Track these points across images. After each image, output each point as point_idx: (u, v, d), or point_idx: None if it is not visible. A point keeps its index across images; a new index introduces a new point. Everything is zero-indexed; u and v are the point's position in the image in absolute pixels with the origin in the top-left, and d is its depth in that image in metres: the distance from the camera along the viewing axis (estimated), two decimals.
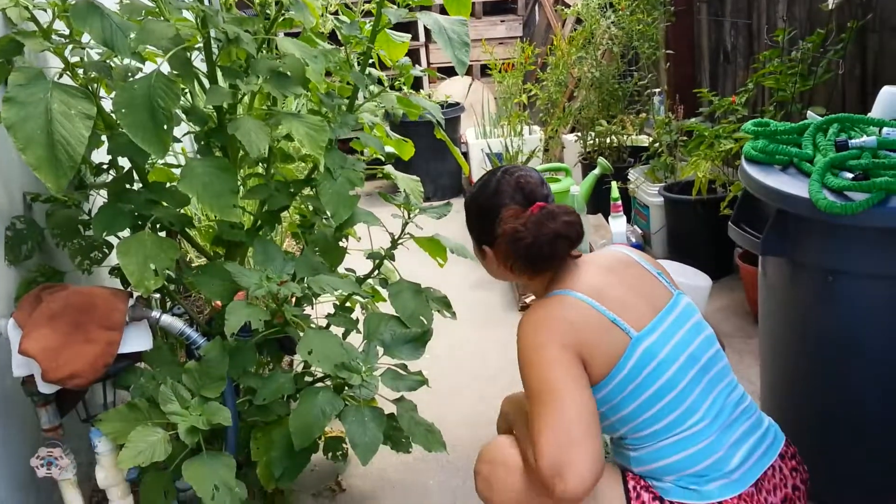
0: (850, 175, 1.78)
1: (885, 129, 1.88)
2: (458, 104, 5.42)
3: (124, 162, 2.01)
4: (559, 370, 1.47)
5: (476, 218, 1.71)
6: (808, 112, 2.26)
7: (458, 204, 2.07)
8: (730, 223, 2.07)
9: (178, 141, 1.91)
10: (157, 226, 1.95)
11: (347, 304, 2.31)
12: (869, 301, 1.82)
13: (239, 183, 2.04)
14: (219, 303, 2.30)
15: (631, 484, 1.56)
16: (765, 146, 1.98)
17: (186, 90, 1.91)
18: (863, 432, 1.93)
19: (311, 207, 2.39)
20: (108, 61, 1.84)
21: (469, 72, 6.61)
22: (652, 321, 1.55)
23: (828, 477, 1.99)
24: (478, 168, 5.05)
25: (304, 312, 2.03)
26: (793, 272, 1.95)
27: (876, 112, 2.04)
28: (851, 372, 1.89)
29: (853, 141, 1.85)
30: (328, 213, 1.97)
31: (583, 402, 1.46)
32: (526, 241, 1.56)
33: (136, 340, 1.76)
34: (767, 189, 1.87)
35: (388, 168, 2.37)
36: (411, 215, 2.16)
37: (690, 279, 3.02)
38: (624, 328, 1.52)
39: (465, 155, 5.35)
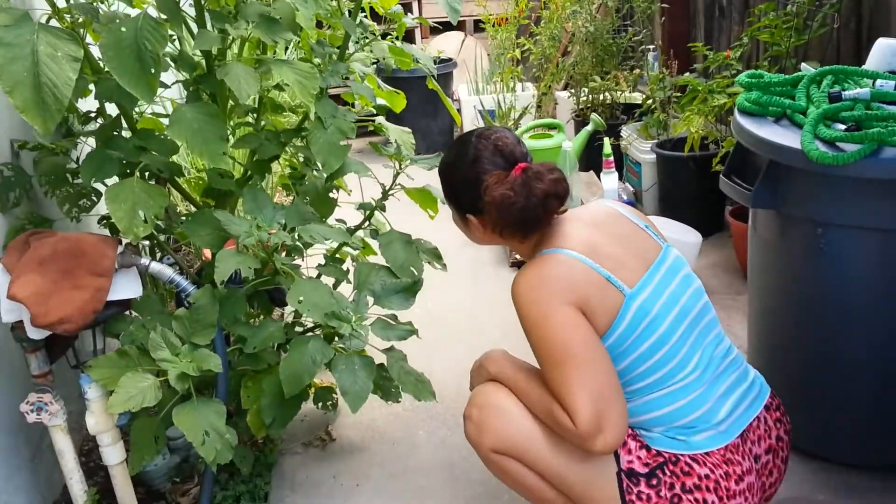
0: (843, 126, 1.77)
1: (878, 81, 1.88)
2: (450, 60, 5.36)
3: (112, 110, 1.99)
4: (574, 332, 1.48)
5: (457, 187, 1.66)
6: (803, 65, 2.25)
7: None
8: (721, 175, 2.07)
9: (166, 86, 1.89)
10: (146, 174, 1.93)
11: (338, 256, 2.30)
12: (858, 254, 1.83)
13: (229, 132, 2.03)
14: (208, 255, 2.29)
15: None
16: (758, 98, 1.97)
17: (174, 36, 1.88)
18: (848, 384, 1.95)
19: (301, 159, 2.38)
20: (95, 4, 1.80)
21: (462, 27, 6.53)
22: (643, 276, 1.56)
23: (812, 428, 2.02)
24: (470, 125, 5.02)
25: (295, 263, 2.03)
26: (783, 225, 1.96)
27: (870, 64, 2.03)
28: (839, 325, 1.91)
29: (847, 93, 1.84)
30: (319, 162, 1.96)
31: (605, 361, 1.49)
32: (517, 205, 1.53)
33: (126, 288, 1.76)
34: (760, 140, 1.86)
35: (380, 119, 2.35)
36: (402, 166, 2.15)
37: (681, 235, 3.03)
38: (618, 285, 1.52)
39: (458, 112, 5.32)
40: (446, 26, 6.36)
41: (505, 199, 1.54)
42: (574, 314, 1.48)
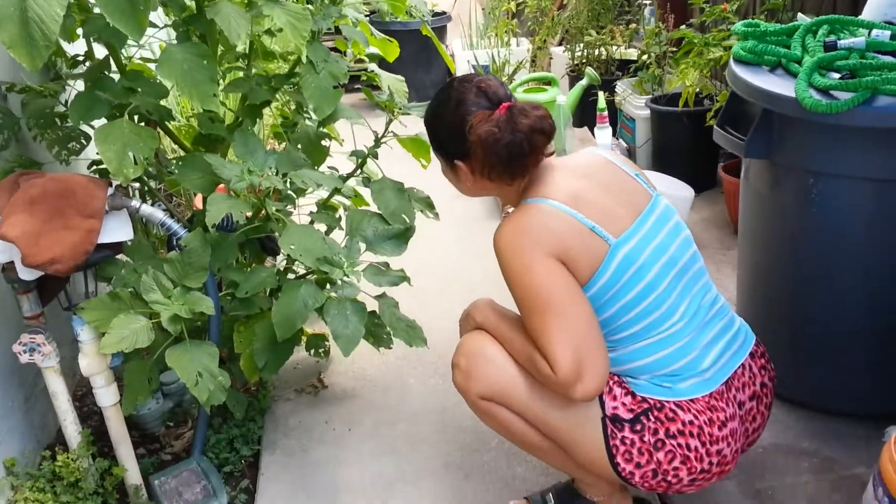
0: (838, 75, 1.77)
1: (874, 31, 1.87)
2: (444, 13, 5.30)
3: (101, 53, 1.97)
4: (555, 282, 1.49)
5: (443, 133, 1.64)
6: (799, 15, 2.23)
7: None
8: (715, 126, 2.07)
9: (156, 27, 1.86)
10: (136, 117, 1.91)
11: (330, 205, 2.30)
12: (850, 204, 1.84)
13: (219, 77, 2.01)
14: (199, 204, 2.28)
15: None
16: (754, 46, 1.95)
17: None
18: (836, 334, 1.97)
19: (293, 107, 2.36)
20: None
21: None
22: (631, 225, 1.55)
23: (798, 377, 2.05)
24: None
25: (287, 210, 2.03)
26: (775, 175, 1.96)
27: (866, 14, 2.02)
28: (830, 275, 1.93)
29: (842, 42, 1.83)
30: (311, 107, 1.94)
31: (586, 310, 1.50)
32: (503, 140, 1.52)
33: (117, 230, 1.75)
34: (754, 89, 1.86)
35: (373, 66, 2.33)
36: (395, 113, 2.13)
37: (673, 190, 3.04)
38: (602, 235, 1.52)
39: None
40: None
41: (490, 135, 1.52)
42: (554, 264, 1.49)
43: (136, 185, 2.14)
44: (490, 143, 1.53)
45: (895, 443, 1.22)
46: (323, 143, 2.26)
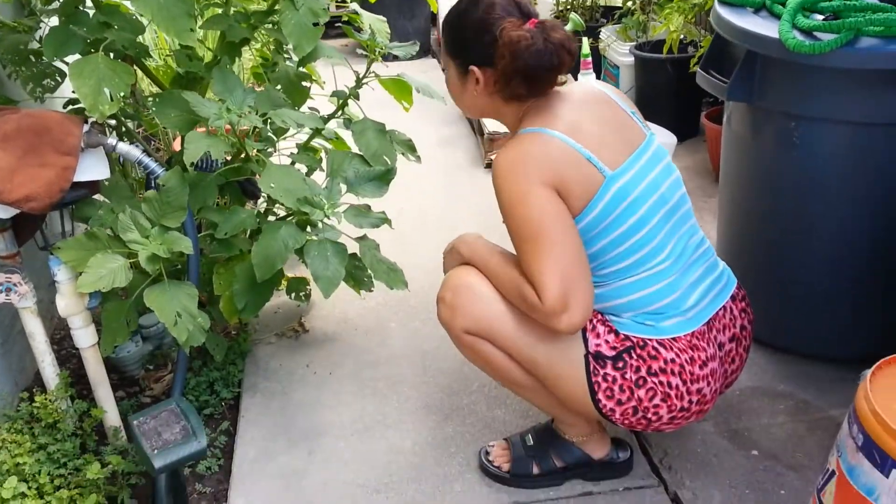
0: (821, 17, 1.75)
1: None
2: None
3: None
4: (550, 211, 1.49)
5: (469, 33, 1.58)
6: None
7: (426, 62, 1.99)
8: (698, 69, 2.06)
9: None
10: (112, 53, 1.87)
11: (311, 147, 2.27)
12: (831, 147, 1.84)
13: (197, 13, 1.96)
14: (177, 146, 2.25)
15: None
16: None
17: None
18: (815, 278, 2.00)
19: (272, 47, 2.32)
20: None
21: None
22: (626, 160, 1.55)
23: (775, 320, 2.07)
24: None
25: (267, 150, 2.01)
26: (757, 119, 1.96)
27: None
28: (810, 219, 1.94)
29: None
30: (291, 45, 1.90)
31: (577, 242, 1.50)
32: (535, 46, 1.49)
33: (93, 168, 1.72)
34: (738, 30, 1.84)
35: (354, 6, 2.29)
36: (377, 52, 2.10)
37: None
38: (599, 167, 1.51)
39: (434, 15, 5.19)
40: None
41: (522, 39, 1.49)
42: (550, 194, 1.49)
43: (113, 123, 2.10)
44: (521, 49, 1.49)
45: (870, 381, 1.24)
46: (304, 84, 2.23)
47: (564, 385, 1.60)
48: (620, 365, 1.56)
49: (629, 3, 3.57)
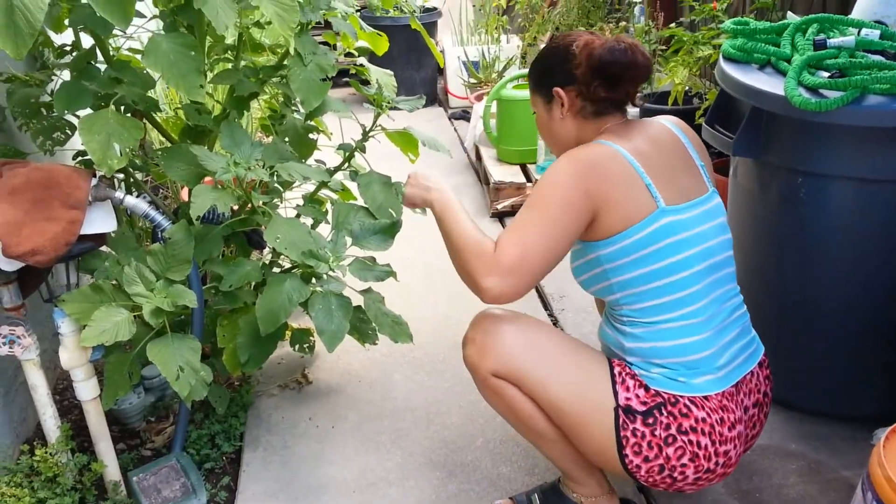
0: (827, 74, 1.76)
1: (864, 30, 1.86)
2: (435, 9, 5.28)
3: (87, 44, 1.94)
4: (568, 215, 1.51)
5: (550, 60, 1.67)
6: (788, 13, 2.23)
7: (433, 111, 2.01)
8: (703, 123, 2.06)
9: (143, 17, 1.84)
10: (122, 107, 1.89)
11: (317, 198, 2.28)
12: (838, 203, 1.84)
13: (206, 68, 1.98)
14: (185, 196, 2.25)
15: (616, 370, 1.58)
16: (743, 44, 1.95)
17: None
18: (823, 335, 1.98)
19: (280, 100, 2.34)
20: None
21: None
22: (683, 204, 1.56)
23: (785, 378, 2.04)
24: (454, 76, 4.97)
25: (274, 203, 2.01)
26: (763, 174, 1.96)
27: (856, 13, 2.01)
28: (816, 275, 1.93)
29: (832, 41, 1.83)
30: (298, 99, 1.92)
31: (559, 249, 1.52)
32: (608, 44, 1.57)
33: (100, 221, 1.73)
34: (743, 86, 1.85)
35: (362, 60, 2.31)
36: (384, 106, 2.11)
37: None
38: (655, 196, 1.52)
39: (441, 67, 5.26)
40: None
41: (596, 39, 1.59)
42: (582, 203, 1.51)
43: (121, 176, 2.11)
44: (595, 46, 1.57)
45: (884, 446, 1.21)
46: (311, 136, 2.24)
47: (590, 436, 1.58)
48: (650, 421, 1.54)
49: None
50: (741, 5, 3.40)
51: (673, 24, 3.36)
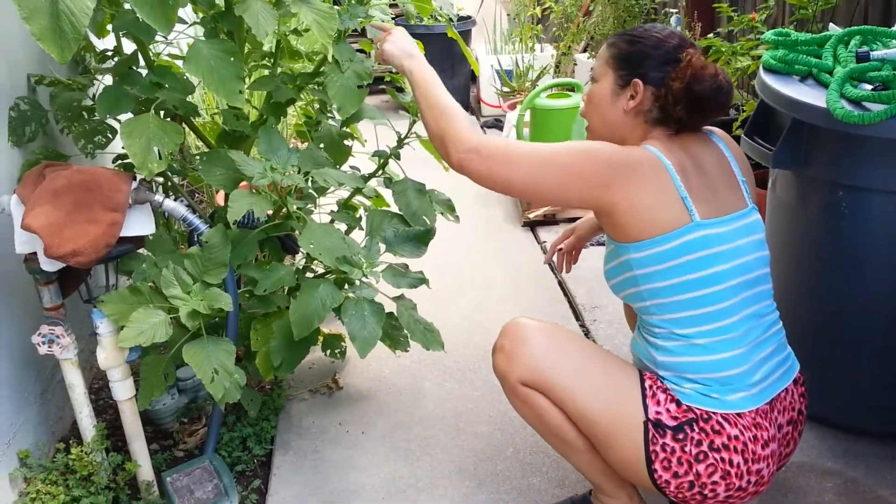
0: (870, 87, 1.74)
1: None
2: (469, 17, 5.30)
3: (129, 49, 1.98)
4: (570, 179, 1.53)
5: (650, 50, 1.59)
6: (831, 25, 2.20)
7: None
8: (742, 135, 2.04)
9: (183, 22, 1.86)
10: (162, 112, 1.92)
11: (350, 204, 2.29)
12: (880, 217, 1.81)
13: (245, 74, 2.01)
14: (220, 201, 2.28)
15: (647, 383, 1.57)
16: (784, 56, 1.93)
17: None
18: (862, 351, 1.94)
19: (316, 106, 2.36)
20: None
21: None
22: (719, 219, 1.54)
23: (822, 394, 2.00)
24: (487, 85, 4.98)
25: (308, 207, 2.02)
26: (803, 187, 1.93)
27: None
28: (856, 290, 1.89)
29: (875, 53, 1.80)
30: (335, 106, 1.94)
31: (542, 188, 1.55)
32: (717, 79, 1.54)
33: (139, 224, 1.75)
34: (784, 98, 1.83)
35: None
36: (418, 114, 2.12)
37: None
38: (689, 209, 1.51)
39: (474, 73, 5.27)
40: None
41: (710, 67, 1.55)
42: (596, 185, 1.51)
43: (160, 179, 2.14)
44: (705, 76, 1.54)
45: None
46: (346, 143, 2.26)
47: (619, 448, 1.56)
48: (681, 436, 1.52)
49: None
50: (780, 16, 3.37)
51: (710, 35, 3.34)
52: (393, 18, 2.30)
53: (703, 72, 1.54)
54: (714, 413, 1.52)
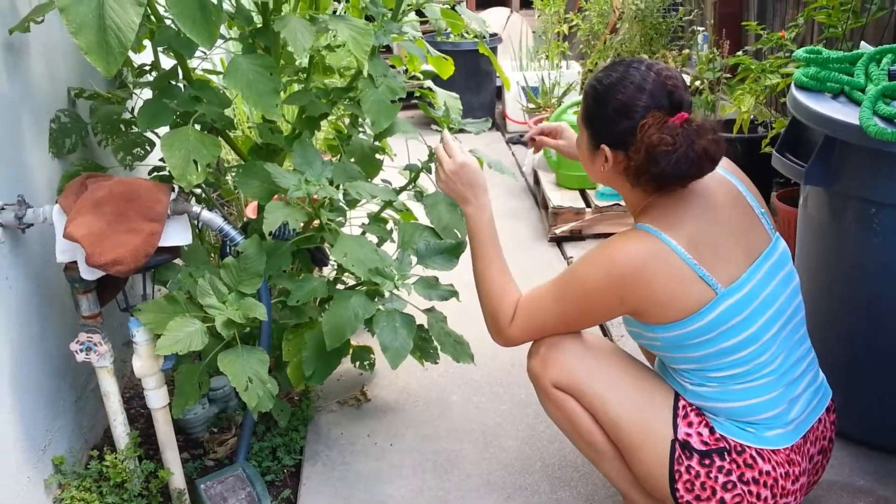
0: None
1: None
2: (495, 35, 5.33)
3: (166, 65, 2.02)
4: (593, 313, 1.56)
5: (608, 113, 1.47)
6: (862, 43, 2.21)
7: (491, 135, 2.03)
8: (774, 151, 2.04)
9: (222, 37, 1.90)
10: (199, 125, 1.95)
11: (380, 218, 2.31)
12: None
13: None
14: (251, 213, 2.31)
15: (681, 403, 1.56)
16: (816, 73, 1.93)
17: None
18: (895, 369, 1.92)
19: (347, 121, 2.39)
20: None
21: (507, 2, 6.48)
22: (744, 273, 1.48)
23: (854, 412, 2.00)
24: (512, 101, 5.00)
25: (339, 220, 2.05)
26: (835, 204, 1.93)
27: None
28: (889, 308, 1.88)
29: None
30: (369, 120, 1.96)
31: (577, 327, 1.63)
32: (676, 154, 1.38)
33: (177, 234, 1.78)
34: (816, 115, 1.83)
35: (428, 83, 2.35)
36: (449, 129, 2.14)
37: None
38: (711, 283, 1.45)
39: (499, 90, 5.30)
40: (492, 0, 6.32)
41: (662, 143, 1.38)
42: (613, 303, 1.51)
43: (196, 191, 2.18)
44: (658, 153, 1.39)
45: None
46: (377, 156, 2.28)
47: (644, 459, 1.56)
48: (707, 462, 1.51)
49: (697, 83, 3.59)
50: (809, 34, 3.37)
51: (739, 53, 3.35)
52: (422, 35, 2.34)
53: (657, 150, 1.39)
54: (749, 447, 1.52)
